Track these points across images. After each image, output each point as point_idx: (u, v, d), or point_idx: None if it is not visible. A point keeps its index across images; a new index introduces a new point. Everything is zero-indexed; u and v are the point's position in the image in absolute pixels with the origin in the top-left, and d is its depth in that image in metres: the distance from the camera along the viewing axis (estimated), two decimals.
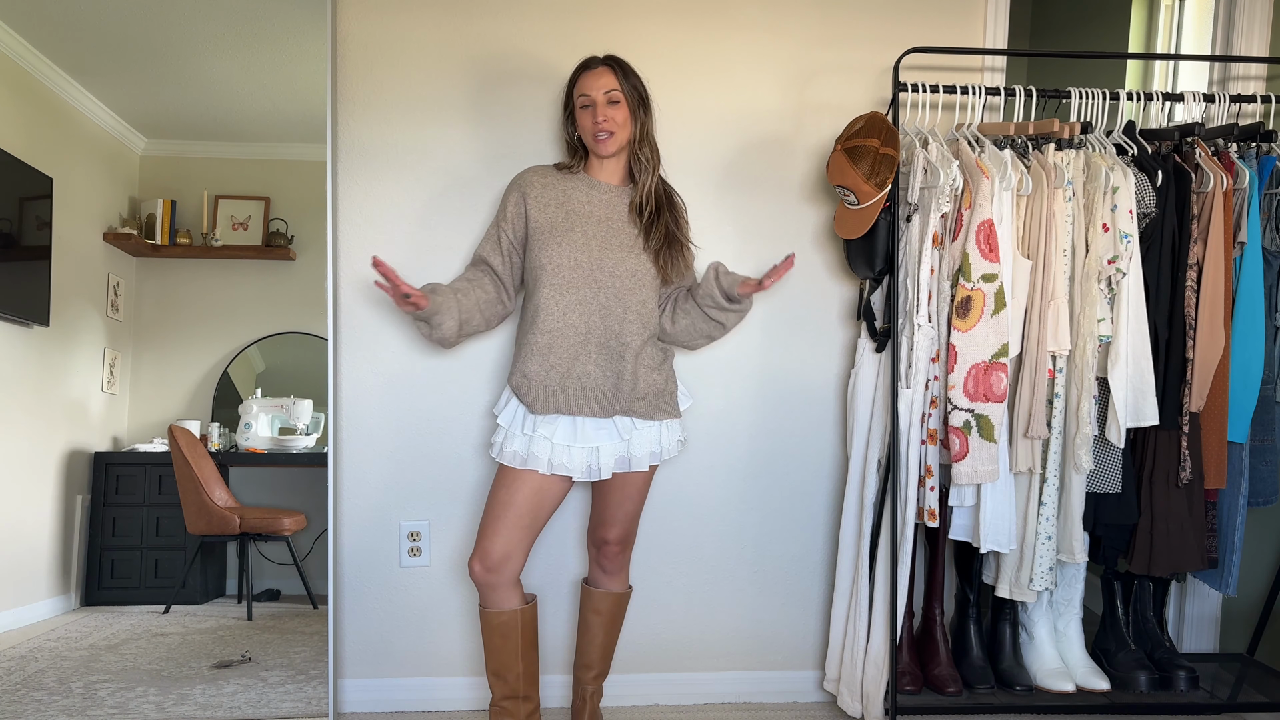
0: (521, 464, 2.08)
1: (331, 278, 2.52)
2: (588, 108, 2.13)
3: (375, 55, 2.54)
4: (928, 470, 2.34)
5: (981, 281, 2.25)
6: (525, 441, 2.10)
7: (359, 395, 2.56)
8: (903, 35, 2.62)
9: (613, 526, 2.25)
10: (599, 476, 2.12)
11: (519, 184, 2.21)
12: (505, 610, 2.12)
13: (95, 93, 3.11)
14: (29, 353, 2.95)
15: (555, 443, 2.09)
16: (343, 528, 2.57)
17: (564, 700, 2.58)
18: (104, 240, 3.20)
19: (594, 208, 2.17)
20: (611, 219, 2.17)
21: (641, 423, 2.15)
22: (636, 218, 2.17)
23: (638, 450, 2.15)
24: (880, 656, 2.41)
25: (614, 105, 2.12)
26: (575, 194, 2.18)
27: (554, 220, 2.14)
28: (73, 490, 3.12)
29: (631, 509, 2.25)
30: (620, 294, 2.12)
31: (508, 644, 2.14)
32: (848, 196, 2.33)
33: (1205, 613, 2.84)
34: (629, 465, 2.14)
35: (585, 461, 2.11)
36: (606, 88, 2.12)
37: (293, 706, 2.52)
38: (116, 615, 3.10)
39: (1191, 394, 2.36)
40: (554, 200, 2.17)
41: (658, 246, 2.16)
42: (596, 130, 2.12)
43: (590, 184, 2.20)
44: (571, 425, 2.11)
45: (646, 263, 2.16)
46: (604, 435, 2.12)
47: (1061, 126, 2.38)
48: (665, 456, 2.21)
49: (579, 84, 2.16)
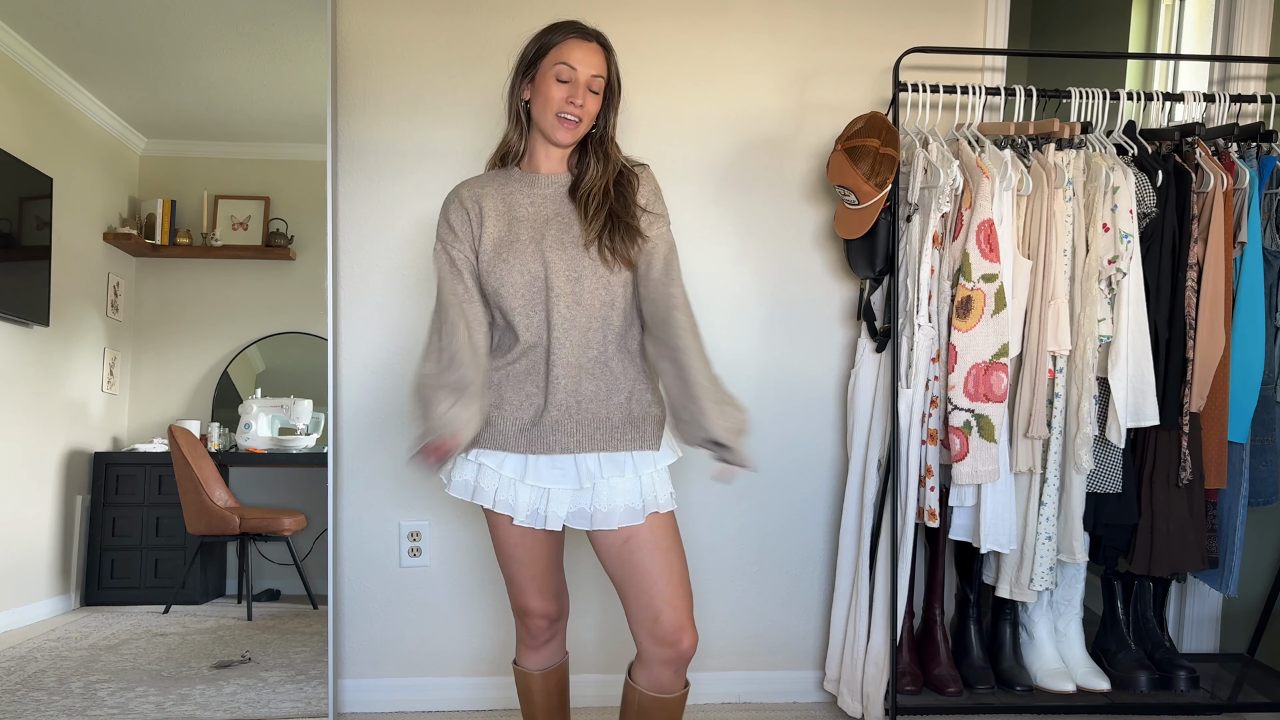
0: (470, 496, 1.80)
1: (331, 278, 2.52)
2: (565, 82, 1.75)
3: (375, 55, 2.54)
4: (928, 470, 2.34)
5: (982, 281, 2.25)
6: (474, 469, 1.79)
7: (359, 395, 2.56)
8: (903, 35, 2.62)
9: (666, 608, 1.72)
10: (544, 525, 1.75)
11: (458, 199, 1.84)
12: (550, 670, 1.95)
13: (95, 93, 3.11)
14: (29, 353, 2.95)
15: (503, 475, 1.77)
16: (343, 528, 2.57)
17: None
18: (104, 240, 3.20)
19: (538, 207, 1.82)
20: (560, 215, 1.81)
21: (611, 469, 1.75)
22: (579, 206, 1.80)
23: (603, 504, 1.72)
24: (880, 656, 2.41)
25: (593, 94, 1.77)
26: (516, 199, 1.82)
27: (496, 236, 1.79)
28: (73, 490, 3.12)
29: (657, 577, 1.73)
30: (585, 303, 1.76)
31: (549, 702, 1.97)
32: (848, 196, 2.33)
33: (1205, 613, 2.84)
34: (590, 523, 1.73)
35: (531, 504, 1.76)
36: (595, 69, 1.75)
37: (293, 706, 2.52)
38: (116, 615, 3.10)
39: (1192, 394, 2.36)
40: (493, 211, 1.81)
41: (599, 230, 1.77)
42: (566, 111, 1.75)
43: (530, 182, 1.84)
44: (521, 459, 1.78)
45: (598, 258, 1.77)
46: (558, 475, 1.76)
47: (1062, 126, 2.38)
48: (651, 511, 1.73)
49: (563, 49, 1.75)
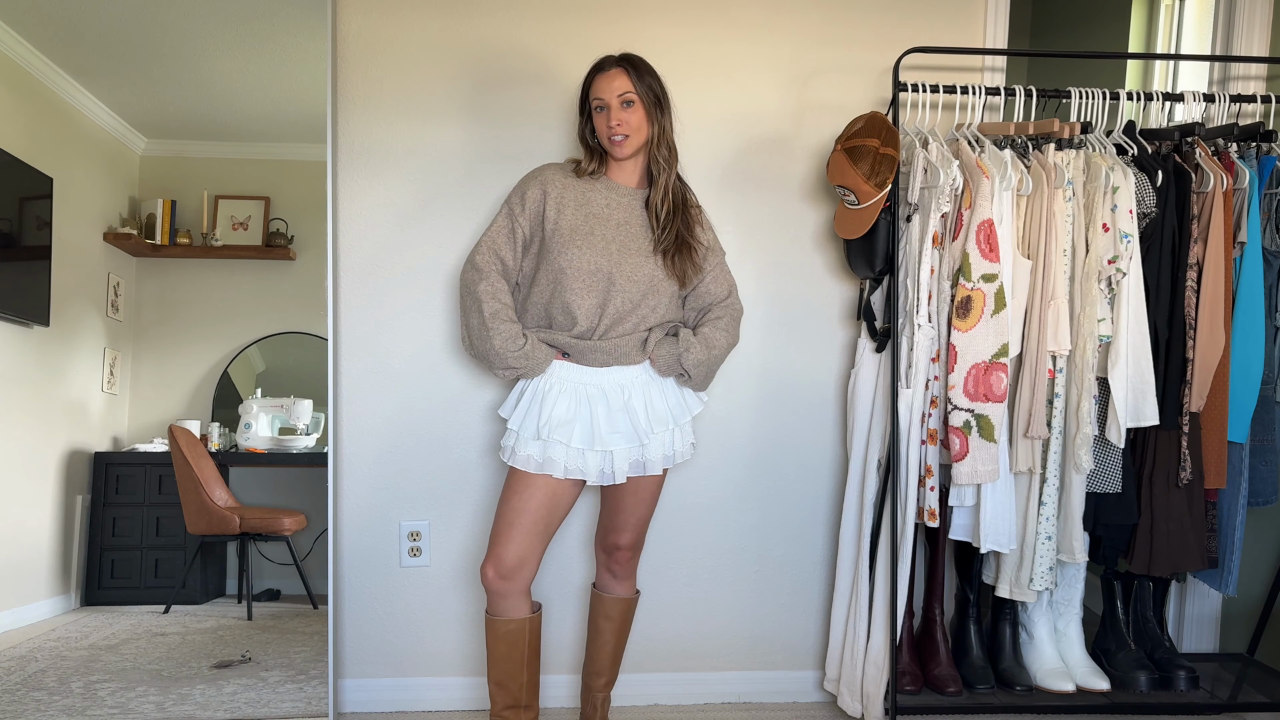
0: (537, 469, 2.05)
1: (331, 278, 2.52)
2: (602, 110, 2.09)
3: (375, 55, 2.53)
4: (928, 470, 2.34)
5: (981, 281, 2.25)
6: (541, 446, 2.06)
7: (359, 395, 2.56)
8: (903, 35, 2.62)
9: (625, 532, 2.24)
10: (612, 480, 2.10)
11: (540, 179, 2.15)
12: (514, 619, 2.10)
13: (95, 93, 3.11)
14: (29, 353, 2.95)
15: (571, 446, 2.06)
16: (343, 528, 2.57)
17: (569, 700, 2.58)
18: (104, 240, 3.19)
19: (612, 211, 2.13)
20: (630, 222, 2.13)
21: (658, 426, 2.12)
22: (653, 218, 2.13)
23: (652, 454, 2.12)
24: (880, 656, 2.41)
25: (628, 108, 2.07)
26: (594, 196, 2.14)
27: (574, 223, 2.09)
28: (73, 490, 3.12)
29: (645, 514, 2.24)
30: (637, 299, 2.10)
31: (514, 653, 2.11)
32: (848, 196, 2.33)
33: (1205, 613, 2.84)
34: (643, 469, 2.13)
35: (599, 465, 2.09)
36: (620, 90, 2.06)
37: (293, 706, 2.52)
38: (116, 615, 3.10)
39: (1191, 394, 2.36)
40: (574, 202, 2.12)
41: (667, 248, 2.11)
42: (611, 134, 2.08)
43: (609, 186, 2.16)
44: (589, 428, 2.07)
45: (661, 266, 2.12)
46: (619, 439, 2.09)
47: (1061, 126, 2.38)
48: (678, 460, 2.19)
49: (593, 87, 2.10)
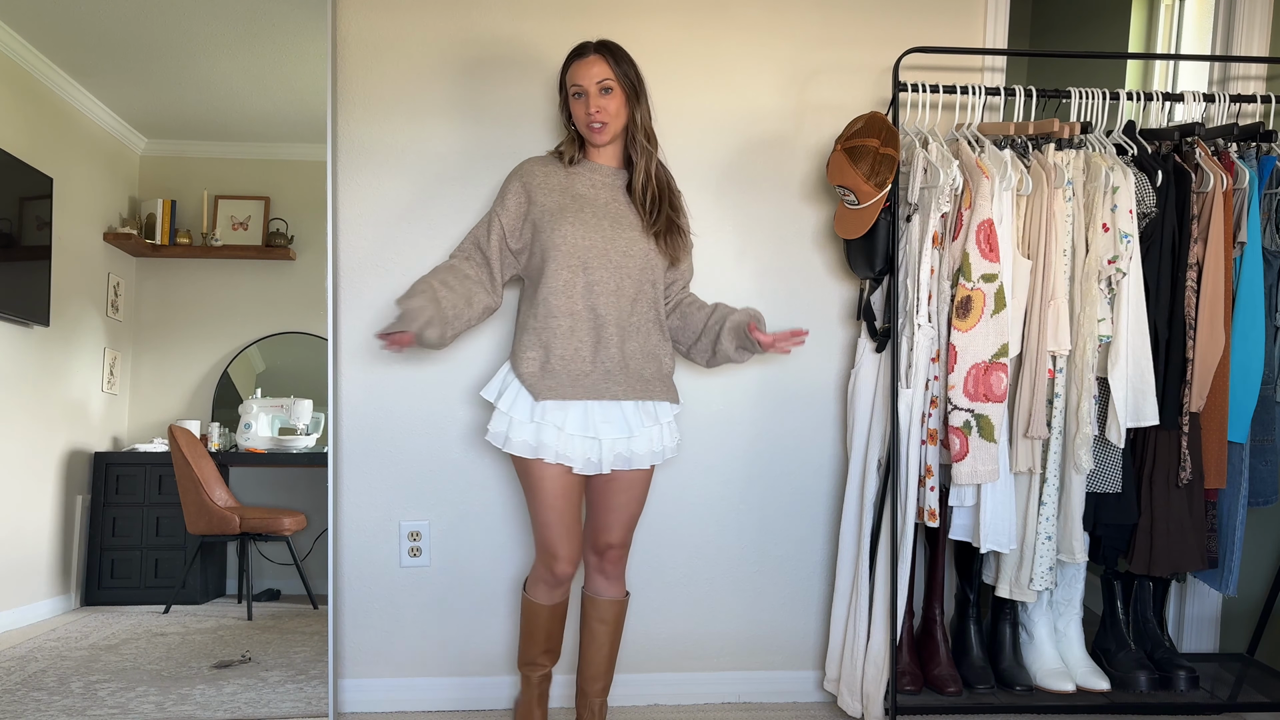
0: (532, 453, 2.07)
1: (331, 278, 2.52)
2: (580, 97, 2.11)
3: (375, 55, 2.53)
4: (928, 470, 2.34)
5: (981, 281, 2.25)
6: (534, 430, 2.08)
7: (359, 395, 2.56)
8: (903, 35, 2.62)
9: (615, 530, 2.23)
10: (598, 470, 2.10)
11: (519, 173, 2.21)
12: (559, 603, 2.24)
13: (95, 93, 3.11)
14: (29, 353, 2.95)
15: (565, 431, 2.07)
16: (343, 528, 2.57)
17: (565, 700, 2.58)
18: (104, 240, 3.20)
19: (597, 191, 2.17)
20: (616, 201, 2.17)
21: (647, 418, 2.14)
22: (637, 202, 2.17)
23: (639, 447, 2.13)
24: (880, 656, 2.41)
25: (607, 94, 2.10)
26: (577, 179, 2.17)
27: (560, 204, 2.13)
28: (73, 490, 3.12)
29: (634, 511, 2.24)
30: (633, 275, 2.12)
31: (555, 625, 2.26)
32: (848, 196, 2.33)
33: (1205, 613, 2.84)
34: (629, 463, 2.13)
35: (585, 453, 2.09)
36: (599, 77, 2.09)
37: (293, 706, 2.52)
38: (116, 615, 3.10)
39: (1191, 394, 2.36)
40: (557, 186, 2.16)
41: (659, 230, 2.16)
42: (590, 121, 2.11)
43: (591, 168, 2.19)
44: (583, 413, 2.09)
45: (653, 245, 2.16)
46: (610, 428, 2.10)
47: (1061, 126, 2.38)
48: (666, 456, 2.22)
49: (570, 73, 2.12)
